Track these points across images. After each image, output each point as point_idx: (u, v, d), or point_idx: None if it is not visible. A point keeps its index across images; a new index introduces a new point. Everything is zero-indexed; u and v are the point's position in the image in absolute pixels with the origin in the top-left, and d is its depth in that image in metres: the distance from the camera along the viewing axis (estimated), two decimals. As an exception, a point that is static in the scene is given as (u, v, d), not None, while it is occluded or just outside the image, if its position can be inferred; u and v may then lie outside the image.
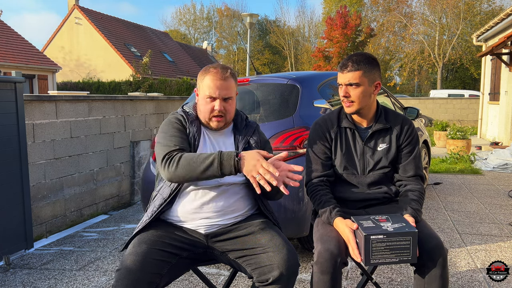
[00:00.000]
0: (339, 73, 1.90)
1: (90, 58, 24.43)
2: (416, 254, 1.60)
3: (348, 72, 1.85)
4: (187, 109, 1.89)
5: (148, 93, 12.01)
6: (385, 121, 1.94)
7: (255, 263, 1.63)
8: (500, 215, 4.14)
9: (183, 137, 1.75)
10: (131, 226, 4.11)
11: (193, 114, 1.85)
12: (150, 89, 17.51)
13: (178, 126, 1.78)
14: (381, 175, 1.93)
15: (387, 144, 1.93)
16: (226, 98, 1.77)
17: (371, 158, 1.92)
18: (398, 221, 1.68)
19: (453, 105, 16.44)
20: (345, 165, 1.93)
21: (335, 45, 31.41)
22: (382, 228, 1.61)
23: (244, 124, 1.89)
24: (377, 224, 1.65)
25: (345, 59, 1.90)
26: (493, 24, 10.54)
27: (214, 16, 48.81)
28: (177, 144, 1.70)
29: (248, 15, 11.91)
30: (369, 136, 1.93)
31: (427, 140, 5.24)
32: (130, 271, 1.52)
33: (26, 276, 2.91)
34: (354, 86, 1.85)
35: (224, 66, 1.81)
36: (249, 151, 1.59)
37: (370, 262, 1.60)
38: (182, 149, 1.69)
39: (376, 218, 1.70)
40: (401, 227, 1.61)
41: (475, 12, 29.53)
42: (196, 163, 1.57)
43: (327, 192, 1.89)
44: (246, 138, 1.84)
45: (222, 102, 1.76)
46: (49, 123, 3.92)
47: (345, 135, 1.95)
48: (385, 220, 1.68)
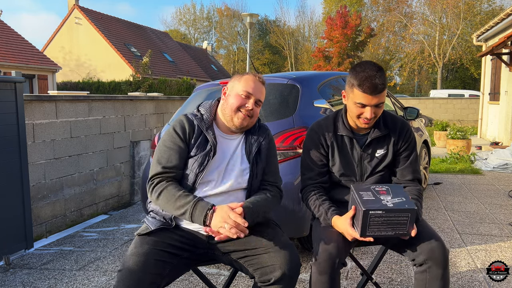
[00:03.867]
0: (361, 93, 1.75)
1: (90, 58, 24.41)
2: (411, 229, 1.62)
3: (378, 93, 1.75)
4: (203, 112, 1.85)
5: (148, 93, 12.01)
6: (383, 127, 1.91)
7: (257, 263, 1.63)
8: (500, 215, 4.14)
9: (179, 152, 1.74)
10: (131, 226, 4.11)
11: (209, 119, 1.82)
12: (150, 89, 17.51)
13: (177, 140, 1.76)
14: (378, 178, 1.93)
15: (384, 150, 1.92)
16: (258, 101, 1.81)
17: (369, 164, 1.92)
18: (398, 194, 1.65)
19: (453, 105, 16.43)
20: (343, 172, 1.92)
21: (335, 45, 31.41)
22: (381, 202, 1.60)
23: (257, 125, 1.90)
24: (377, 197, 1.63)
25: (369, 82, 1.73)
26: (493, 24, 10.53)
27: (214, 16, 48.84)
28: (167, 162, 1.72)
29: (248, 15, 11.90)
30: (367, 143, 1.91)
31: (427, 140, 5.24)
32: (132, 272, 1.52)
33: (26, 276, 2.91)
34: (381, 105, 1.80)
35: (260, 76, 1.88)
36: (221, 207, 1.60)
37: (365, 234, 1.62)
38: (171, 171, 1.72)
39: (376, 189, 1.68)
40: (400, 203, 1.60)
41: (475, 12, 29.53)
42: (173, 206, 1.65)
43: (320, 195, 1.88)
44: (259, 140, 1.85)
45: (254, 103, 1.79)
46: (49, 123, 3.92)
47: (342, 142, 1.93)
48: (385, 192, 1.66)
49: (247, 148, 1.84)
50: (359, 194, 1.65)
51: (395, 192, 1.66)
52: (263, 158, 1.85)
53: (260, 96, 1.82)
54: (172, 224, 1.73)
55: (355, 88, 1.78)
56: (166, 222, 1.73)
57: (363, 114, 1.80)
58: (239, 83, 1.81)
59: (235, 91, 1.80)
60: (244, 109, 1.77)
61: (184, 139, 1.77)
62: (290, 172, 2.78)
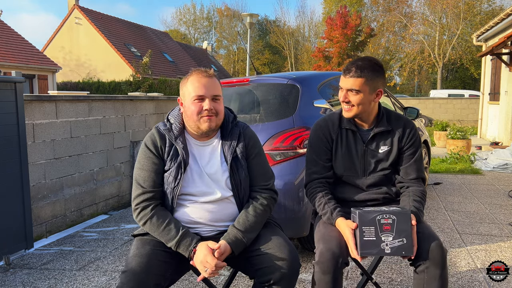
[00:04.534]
0: (342, 76, 1.86)
1: (90, 58, 24.42)
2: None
3: (350, 77, 1.81)
4: (172, 121, 1.78)
5: (148, 93, 12.02)
6: (386, 123, 1.92)
7: (256, 264, 1.63)
8: (500, 215, 4.14)
9: (154, 169, 1.70)
10: (131, 226, 4.11)
11: (178, 128, 1.74)
12: (150, 89, 17.52)
13: (149, 155, 1.71)
14: (382, 177, 1.92)
15: (388, 146, 1.91)
16: (215, 96, 1.69)
17: (372, 160, 1.91)
18: (402, 231, 1.62)
19: (453, 105, 16.43)
20: (345, 167, 1.92)
21: (335, 45, 31.38)
22: (380, 246, 1.61)
23: (230, 128, 1.79)
24: (378, 237, 1.61)
25: (350, 63, 1.85)
26: (493, 24, 10.53)
27: (214, 16, 48.83)
28: (144, 182, 1.69)
29: (248, 15, 11.91)
30: (370, 138, 1.91)
31: (427, 140, 5.25)
32: (135, 273, 1.51)
33: (26, 276, 2.91)
34: (354, 92, 1.82)
35: (204, 68, 1.78)
36: (200, 248, 1.58)
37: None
38: (150, 191, 1.68)
39: (382, 221, 1.63)
40: (399, 248, 1.61)
41: (475, 12, 29.52)
42: (160, 235, 1.65)
43: (326, 193, 1.88)
44: (232, 146, 1.75)
45: (211, 101, 1.68)
46: (49, 123, 3.92)
47: (346, 137, 1.94)
48: (389, 227, 1.62)
49: (224, 153, 1.75)
50: (362, 230, 1.62)
51: (399, 228, 1.62)
52: (243, 162, 1.75)
53: (214, 91, 1.69)
54: None
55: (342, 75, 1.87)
56: None
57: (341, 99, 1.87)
58: (186, 88, 1.71)
59: (188, 98, 1.70)
60: (204, 112, 1.67)
61: (157, 153, 1.71)
62: (290, 172, 2.78)
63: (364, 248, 1.61)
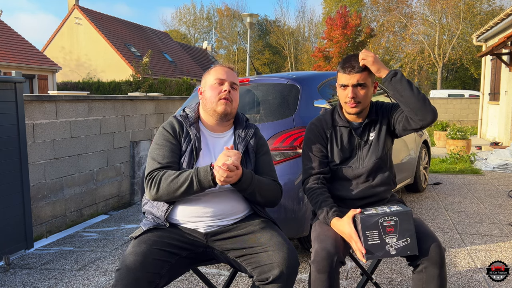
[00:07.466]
0: (342, 74, 1.88)
1: (90, 58, 24.43)
2: None
3: (356, 73, 1.84)
4: (187, 112, 1.89)
5: (148, 93, 12.01)
6: (374, 114, 1.98)
7: (255, 262, 1.63)
8: (500, 215, 4.14)
9: (172, 148, 1.76)
10: (131, 226, 4.11)
11: (193, 117, 1.85)
12: (150, 89, 17.51)
13: (168, 136, 1.79)
14: (377, 162, 1.94)
15: (376, 132, 1.96)
16: (234, 84, 1.83)
17: (366, 148, 1.96)
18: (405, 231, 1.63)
19: (453, 105, 16.43)
20: (341, 160, 1.96)
21: (335, 45, 31.39)
22: (385, 248, 1.62)
23: (244, 125, 1.90)
24: (382, 240, 1.63)
25: (347, 60, 1.88)
26: (493, 24, 10.54)
27: (214, 16, 48.83)
28: (163, 159, 1.72)
29: (248, 15, 11.91)
30: (362, 130, 1.97)
31: (427, 140, 5.25)
32: (130, 271, 1.52)
33: (26, 276, 2.91)
34: (361, 87, 1.86)
35: None
36: (217, 159, 1.62)
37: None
38: (167, 166, 1.71)
39: (384, 224, 1.64)
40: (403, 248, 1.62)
41: (475, 12, 29.53)
42: (176, 185, 1.64)
43: (323, 191, 1.90)
44: (246, 139, 1.85)
45: (230, 87, 1.80)
46: (49, 123, 3.92)
47: (340, 133, 1.98)
48: (392, 229, 1.63)
49: (237, 146, 1.83)
50: (365, 235, 1.63)
51: (403, 228, 1.64)
52: (251, 158, 1.84)
53: (233, 79, 1.85)
54: (165, 225, 1.73)
55: (339, 73, 1.90)
56: (160, 222, 1.73)
57: (347, 96, 1.87)
58: (210, 75, 1.85)
59: (209, 84, 1.84)
60: (223, 93, 1.79)
61: (175, 136, 1.79)
62: (290, 172, 2.78)
63: (370, 252, 1.62)
